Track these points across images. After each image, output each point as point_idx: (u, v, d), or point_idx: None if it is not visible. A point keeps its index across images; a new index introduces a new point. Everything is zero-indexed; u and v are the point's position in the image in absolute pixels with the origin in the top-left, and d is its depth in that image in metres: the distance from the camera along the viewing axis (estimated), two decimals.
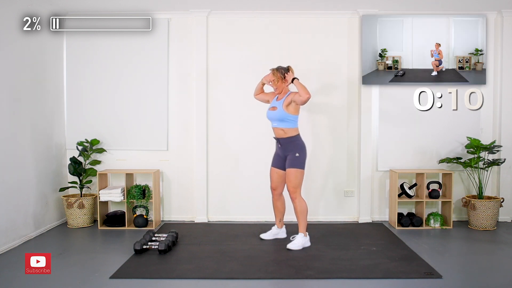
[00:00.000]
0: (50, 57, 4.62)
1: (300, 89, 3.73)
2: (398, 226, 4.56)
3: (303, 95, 3.70)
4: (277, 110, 3.87)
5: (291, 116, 3.85)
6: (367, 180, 4.81)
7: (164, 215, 4.91)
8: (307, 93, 3.70)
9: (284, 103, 3.85)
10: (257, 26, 4.82)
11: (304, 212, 3.84)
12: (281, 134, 3.89)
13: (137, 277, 3.18)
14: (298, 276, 3.20)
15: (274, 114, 3.89)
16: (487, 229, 4.46)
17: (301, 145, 3.90)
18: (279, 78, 3.91)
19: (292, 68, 3.97)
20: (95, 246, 4.06)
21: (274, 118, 3.91)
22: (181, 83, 4.85)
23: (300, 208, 3.83)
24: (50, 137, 4.60)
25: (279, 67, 3.96)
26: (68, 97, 4.85)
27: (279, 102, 3.90)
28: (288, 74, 3.91)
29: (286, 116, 3.83)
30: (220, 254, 3.67)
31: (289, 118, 3.84)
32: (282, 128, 3.86)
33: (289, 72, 3.92)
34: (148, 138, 4.85)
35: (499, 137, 4.77)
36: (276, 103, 3.94)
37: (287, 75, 3.90)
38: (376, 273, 3.23)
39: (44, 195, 4.44)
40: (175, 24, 4.83)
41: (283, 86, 3.94)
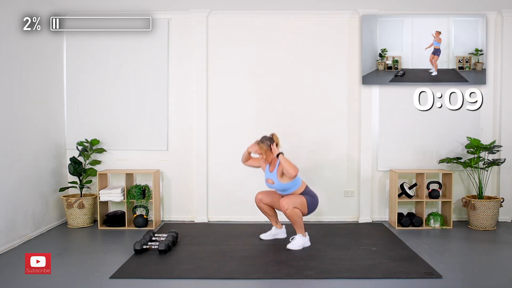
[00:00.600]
0: (50, 57, 4.62)
1: (286, 167, 3.69)
2: (398, 226, 4.56)
3: (290, 172, 3.68)
4: (276, 184, 3.84)
5: (291, 183, 3.81)
6: (367, 180, 4.81)
7: (164, 215, 4.91)
8: (294, 171, 3.67)
9: (278, 175, 3.81)
10: (257, 26, 4.82)
11: (298, 220, 3.78)
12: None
13: (137, 277, 3.18)
14: (298, 276, 3.20)
15: (275, 187, 3.88)
16: (487, 229, 4.46)
17: (312, 194, 3.88)
18: (265, 150, 3.85)
19: (277, 137, 3.90)
20: (95, 246, 4.06)
21: (277, 190, 3.90)
22: (181, 83, 4.85)
23: (294, 218, 3.76)
24: (50, 137, 4.60)
25: (263, 138, 3.88)
26: (68, 97, 4.86)
27: (273, 175, 3.85)
28: (273, 146, 3.83)
29: (286, 186, 3.81)
30: (220, 254, 3.67)
31: (289, 185, 3.82)
32: (290, 194, 3.84)
33: (274, 143, 3.84)
34: (148, 138, 4.85)
35: (499, 137, 4.77)
36: (270, 175, 3.89)
37: (273, 147, 3.83)
38: (376, 273, 3.23)
39: (44, 195, 4.44)
40: (175, 24, 4.83)
41: (271, 157, 3.88)
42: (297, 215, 3.75)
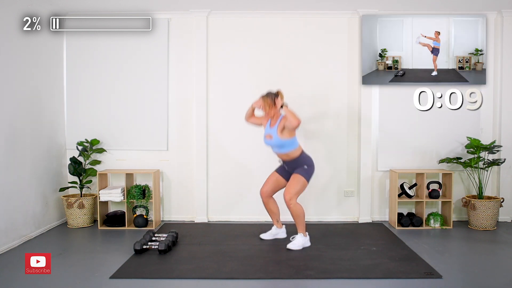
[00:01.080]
0: (50, 57, 4.62)
1: (289, 116, 3.70)
2: (398, 226, 4.56)
3: (292, 122, 3.68)
4: (274, 139, 3.84)
5: (289, 141, 3.82)
6: (367, 180, 4.81)
7: (164, 215, 4.91)
8: (297, 120, 3.68)
9: (278, 130, 3.81)
10: (257, 26, 4.82)
11: (301, 215, 3.81)
12: (284, 158, 3.90)
13: (137, 277, 3.18)
14: (298, 276, 3.20)
15: (272, 142, 3.88)
16: (487, 229, 4.46)
17: (309, 160, 3.89)
18: (269, 104, 3.86)
19: (282, 93, 3.90)
20: (95, 246, 4.06)
21: (273, 146, 3.90)
22: (181, 83, 4.85)
23: (296, 213, 3.79)
24: (50, 137, 4.60)
25: (269, 93, 3.90)
26: (68, 97, 4.86)
27: (273, 130, 3.86)
28: (277, 99, 3.85)
29: (284, 142, 3.81)
30: (220, 254, 3.67)
31: (287, 143, 3.82)
32: (284, 153, 3.86)
33: (279, 97, 3.86)
34: (148, 138, 4.85)
35: (499, 137, 4.77)
36: (270, 130, 3.90)
37: (277, 100, 3.85)
38: (376, 273, 3.23)
39: (44, 195, 4.44)
40: (175, 24, 4.83)
41: (274, 112, 3.89)
42: (300, 212, 3.79)
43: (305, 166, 3.84)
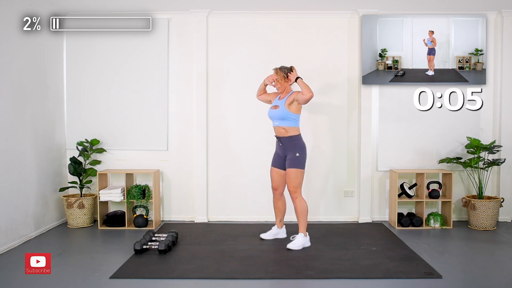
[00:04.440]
0: (50, 57, 4.62)
1: (303, 88, 3.75)
2: (398, 226, 4.56)
3: (306, 93, 3.72)
4: (279, 109, 3.87)
5: (293, 115, 3.85)
6: (367, 180, 4.81)
7: (164, 215, 4.91)
8: (310, 92, 3.73)
9: (287, 102, 3.85)
10: (257, 26, 4.82)
11: (305, 212, 3.84)
12: (282, 133, 3.89)
13: (137, 277, 3.18)
14: (298, 276, 3.20)
15: (276, 112, 3.89)
16: (487, 229, 4.46)
17: (301, 145, 3.90)
18: (282, 77, 3.92)
19: (295, 68, 3.97)
20: (95, 246, 4.06)
21: (276, 117, 3.91)
22: (181, 83, 4.85)
23: (301, 208, 3.83)
24: (50, 137, 4.60)
25: (282, 66, 3.97)
26: (68, 97, 4.85)
27: (282, 101, 3.90)
28: (292, 73, 3.92)
29: (288, 114, 3.83)
30: (220, 254, 3.67)
31: (290, 117, 3.84)
32: (284, 127, 3.87)
33: (292, 71, 3.93)
34: (148, 138, 4.85)
35: (499, 137, 4.77)
36: (278, 101, 3.94)
37: (290, 74, 3.91)
38: (376, 273, 3.23)
39: (44, 195, 4.44)
40: (175, 24, 4.83)
41: (285, 86, 3.94)
42: (304, 208, 3.83)
43: (297, 154, 3.85)
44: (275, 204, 4.10)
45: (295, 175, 3.82)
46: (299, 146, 3.88)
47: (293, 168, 3.83)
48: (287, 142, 3.88)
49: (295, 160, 3.83)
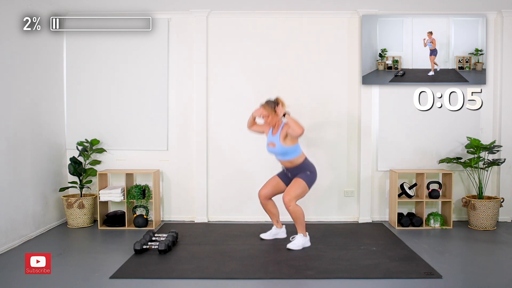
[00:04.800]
0: (50, 57, 4.62)
1: (292, 125, 3.66)
2: (398, 226, 4.56)
3: (296, 131, 3.65)
4: (277, 147, 3.83)
5: (292, 148, 3.81)
6: (367, 180, 4.81)
7: (164, 215, 4.91)
8: (300, 128, 3.64)
9: (281, 137, 3.80)
10: (257, 26, 4.82)
11: (300, 217, 3.79)
12: (288, 165, 3.89)
13: (137, 277, 3.18)
14: (298, 276, 3.20)
15: (275, 150, 3.87)
16: (487, 229, 4.46)
17: (311, 167, 3.88)
18: (270, 112, 3.84)
19: (282, 100, 3.87)
20: (95, 246, 4.06)
21: (276, 154, 3.89)
22: (181, 83, 4.85)
23: (296, 214, 3.77)
24: (50, 137, 4.60)
25: (268, 101, 3.88)
26: (68, 97, 4.86)
27: (276, 137, 3.84)
28: (278, 107, 3.81)
29: (287, 149, 3.80)
30: (220, 254, 3.67)
31: (290, 150, 3.81)
32: (288, 161, 3.85)
33: (279, 105, 3.82)
34: (148, 138, 4.85)
35: (499, 137, 4.77)
36: (272, 138, 3.88)
37: (277, 108, 3.81)
38: (376, 273, 3.23)
39: (44, 195, 4.44)
40: (175, 24, 4.83)
41: (275, 120, 3.87)
42: (299, 213, 3.77)
43: (308, 172, 3.83)
44: (265, 208, 4.07)
45: (300, 186, 3.77)
46: (309, 168, 3.86)
47: (301, 179, 3.79)
48: (295, 170, 3.87)
49: (306, 176, 3.81)
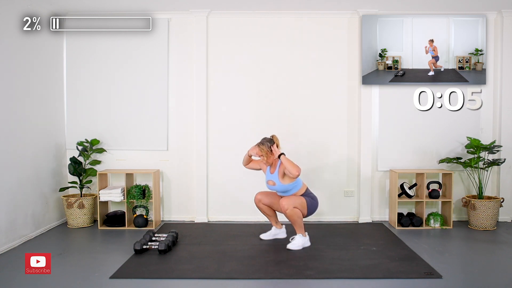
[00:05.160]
0: (50, 57, 4.62)
1: (288, 167, 3.67)
2: (398, 226, 4.56)
3: (292, 173, 3.66)
4: (277, 185, 3.84)
5: (292, 184, 3.81)
6: (367, 180, 4.81)
7: (164, 215, 4.91)
8: (296, 171, 3.65)
9: (279, 176, 3.81)
10: (257, 26, 4.82)
11: (298, 219, 3.77)
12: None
13: (137, 277, 3.18)
14: (298, 276, 3.20)
15: (275, 188, 3.87)
16: (487, 229, 4.46)
17: (312, 196, 3.88)
18: (266, 152, 3.83)
19: (277, 138, 3.89)
20: (95, 246, 4.06)
21: (278, 192, 3.90)
22: (181, 83, 4.85)
23: (293, 217, 3.76)
24: (50, 137, 4.60)
25: (263, 140, 3.88)
26: (68, 97, 4.86)
27: (274, 176, 3.84)
28: (274, 147, 3.82)
29: (287, 187, 3.81)
30: (220, 254, 3.67)
31: (291, 187, 3.81)
32: (290, 195, 3.84)
33: (274, 145, 3.83)
34: (148, 138, 4.85)
35: (499, 137, 4.77)
36: (271, 176, 3.88)
37: (273, 148, 3.82)
38: (376, 273, 3.23)
39: (44, 195, 4.44)
40: (175, 24, 4.83)
41: (272, 159, 3.87)
42: (297, 215, 3.75)
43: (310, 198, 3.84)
44: (261, 211, 4.06)
45: (300, 201, 3.76)
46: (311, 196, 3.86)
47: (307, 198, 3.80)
48: None
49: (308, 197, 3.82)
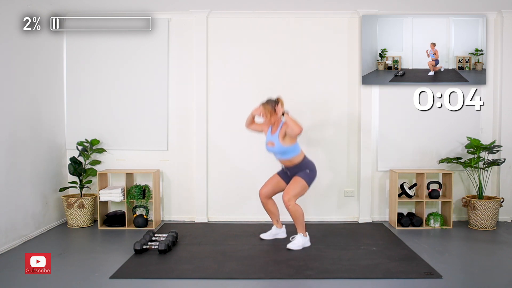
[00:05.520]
0: (50, 57, 4.62)
1: (291, 125, 3.68)
2: (398, 226, 4.56)
3: (294, 130, 3.66)
4: (276, 146, 3.83)
5: (291, 147, 3.81)
6: (367, 180, 4.81)
7: (164, 215, 4.91)
8: (299, 128, 3.66)
9: (280, 136, 3.81)
10: (257, 26, 4.82)
11: (300, 216, 3.80)
12: (287, 164, 3.89)
13: (137, 277, 3.18)
14: (298, 276, 3.20)
15: (274, 149, 3.87)
16: (487, 229, 4.46)
17: (311, 165, 3.88)
18: (270, 111, 3.84)
19: (282, 100, 3.89)
20: (95, 246, 4.06)
21: (275, 153, 3.90)
22: (181, 83, 4.85)
23: (295, 214, 3.78)
24: (50, 137, 4.60)
25: (269, 100, 3.89)
26: (68, 97, 4.86)
27: (275, 137, 3.85)
28: (278, 106, 3.82)
29: (286, 149, 3.81)
30: (220, 254, 3.67)
31: (289, 149, 3.81)
32: (287, 159, 3.85)
33: (279, 104, 3.84)
34: (148, 138, 4.85)
35: (499, 137, 4.77)
36: (271, 137, 3.89)
37: (277, 107, 3.82)
38: (376, 273, 3.23)
39: (44, 195, 4.44)
40: (175, 24, 4.83)
41: (275, 119, 3.87)
42: (299, 213, 3.77)
43: (307, 170, 3.84)
44: (265, 207, 4.08)
45: (300, 185, 3.79)
46: (308, 166, 3.86)
47: (300, 178, 3.80)
48: (295, 169, 3.87)
49: (305, 174, 3.82)
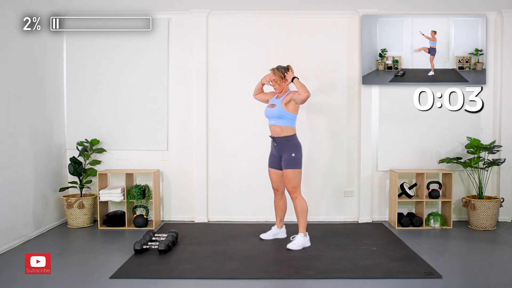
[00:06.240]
0: (50, 57, 4.62)
1: (299, 88, 3.74)
2: (398, 226, 4.56)
3: (302, 93, 3.71)
4: (276, 108, 3.87)
5: (290, 114, 3.85)
6: (367, 180, 4.81)
7: (164, 215, 4.91)
8: (307, 92, 3.71)
9: (284, 101, 3.85)
10: (257, 26, 4.82)
11: (305, 211, 3.84)
12: (277, 132, 3.88)
13: (137, 277, 3.18)
14: (298, 276, 3.20)
15: (273, 111, 3.90)
16: (487, 229, 4.46)
17: (296, 145, 3.89)
18: (279, 77, 3.92)
19: (292, 67, 3.98)
20: (95, 246, 4.06)
21: (272, 115, 3.90)
22: (181, 83, 4.85)
23: (301, 208, 3.83)
24: (50, 137, 4.60)
25: (279, 66, 3.97)
26: (68, 97, 4.86)
27: (279, 100, 3.91)
28: (288, 73, 3.92)
29: (285, 113, 3.83)
30: (220, 254, 3.67)
31: (287, 116, 3.84)
32: (280, 126, 3.86)
33: (289, 71, 3.93)
34: (148, 138, 4.85)
35: (499, 137, 4.77)
36: (275, 101, 3.95)
37: (287, 74, 3.91)
38: (376, 273, 3.23)
39: (44, 195, 4.44)
40: (175, 24, 4.83)
41: (283, 86, 3.95)
42: (304, 207, 3.83)
43: (293, 154, 3.84)
44: (276, 203, 4.10)
45: (293, 175, 3.82)
46: (294, 146, 3.87)
47: (290, 169, 3.82)
48: (282, 142, 3.87)
49: (291, 161, 3.83)
